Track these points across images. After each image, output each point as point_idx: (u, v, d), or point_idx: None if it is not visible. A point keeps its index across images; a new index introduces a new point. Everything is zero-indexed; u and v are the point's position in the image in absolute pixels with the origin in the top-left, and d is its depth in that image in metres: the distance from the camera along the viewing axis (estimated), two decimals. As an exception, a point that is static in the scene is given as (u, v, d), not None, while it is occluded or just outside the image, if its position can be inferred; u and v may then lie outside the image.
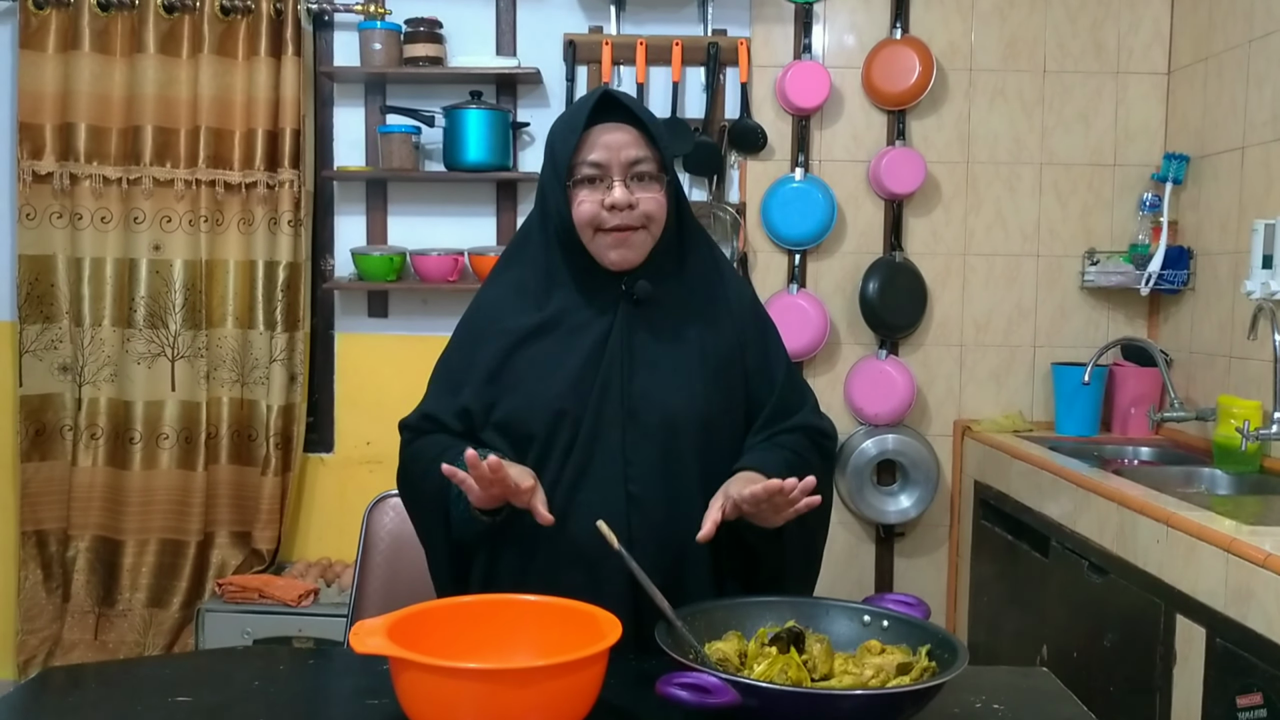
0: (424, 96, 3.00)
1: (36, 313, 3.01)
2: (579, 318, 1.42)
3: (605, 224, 1.37)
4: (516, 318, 1.43)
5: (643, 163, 1.38)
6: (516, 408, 1.40)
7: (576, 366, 1.39)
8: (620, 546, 1.22)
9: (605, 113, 1.39)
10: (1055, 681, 1.30)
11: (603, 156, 1.37)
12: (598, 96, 1.39)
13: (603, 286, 1.42)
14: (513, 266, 1.49)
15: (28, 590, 3.04)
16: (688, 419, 1.37)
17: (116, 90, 2.96)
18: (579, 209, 1.38)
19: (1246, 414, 2.36)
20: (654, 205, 1.39)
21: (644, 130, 1.39)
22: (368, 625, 1.10)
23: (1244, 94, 2.62)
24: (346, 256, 3.04)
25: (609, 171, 1.37)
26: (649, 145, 1.39)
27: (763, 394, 1.47)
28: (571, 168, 1.38)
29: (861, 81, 2.99)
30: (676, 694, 1.01)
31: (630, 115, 1.39)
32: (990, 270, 3.06)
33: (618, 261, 1.39)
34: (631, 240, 1.38)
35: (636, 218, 1.37)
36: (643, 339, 1.41)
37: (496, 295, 1.48)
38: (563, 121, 1.43)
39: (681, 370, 1.41)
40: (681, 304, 1.44)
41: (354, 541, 1.80)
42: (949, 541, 3.09)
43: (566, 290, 1.43)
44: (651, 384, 1.39)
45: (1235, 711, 1.69)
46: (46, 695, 1.25)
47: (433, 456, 1.39)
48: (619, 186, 1.37)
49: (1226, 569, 1.73)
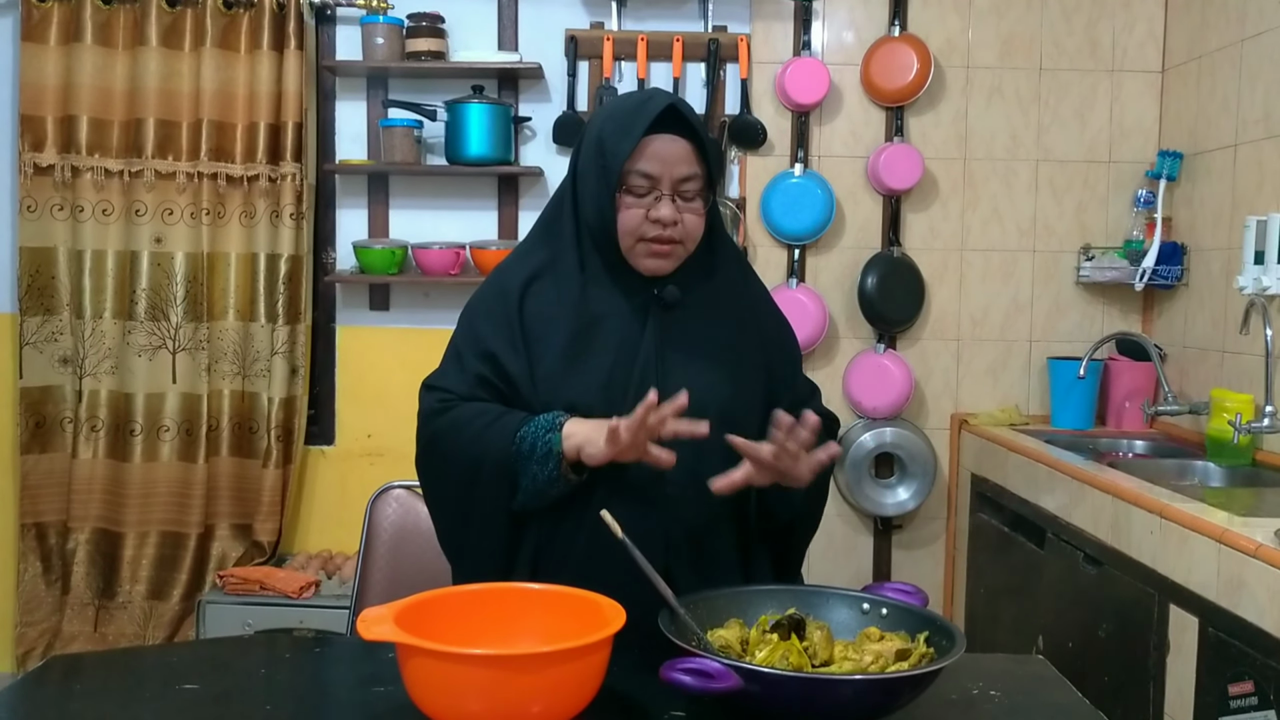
0: (426, 91, 3.01)
1: (37, 305, 3.02)
2: (614, 317, 1.41)
3: (647, 235, 1.37)
4: (557, 311, 1.41)
5: (692, 180, 1.37)
6: (550, 404, 1.38)
7: (607, 365, 1.39)
8: (624, 536, 1.23)
9: (662, 123, 1.36)
10: (1051, 669, 1.33)
11: (655, 169, 1.36)
12: (663, 107, 1.36)
13: (635, 289, 1.42)
14: (541, 248, 1.47)
15: (27, 582, 3.05)
16: (719, 419, 1.36)
17: (118, 83, 2.97)
18: (624, 215, 1.37)
19: (1239, 407, 2.38)
20: (695, 224, 1.39)
21: (697, 146, 1.38)
22: (375, 612, 1.12)
23: (1236, 92, 2.64)
24: (348, 250, 3.05)
25: (659, 184, 1.36)
26: (699, 163, 1.38)
27: (779, 391, 1.49)
28: (623, 174, 1.36)
29: (860, 78, 3.01)
30: (680, 679, 1.03)
31: (687, 129, 1.38)
32: (987, 265, 3.08)
33: (652, 269, 1.40)
34: (670, 254, 1.39)
35: (677, 234, 1.38)
36: (674, 341, 1.42)
37: (531, 269, 1.45)
38: (618, 121, 1.39)
39: (710, 371, 1.42)
40: (709, 308, 1.45)
41: (355, 534, 1.82)
42: (946, 534, 3.12)
43: (601, 287, 1.42)
44: (683, 384, 1.36)
45: (1227, 699, 1.72)
46: (52, 684, 1.26)
47: (488, 423, 1.36)
48: (666, 203, 1.36)
49: (1219, 559, 1.76)
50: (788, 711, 1.06)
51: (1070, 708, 1.20)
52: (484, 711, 1.05)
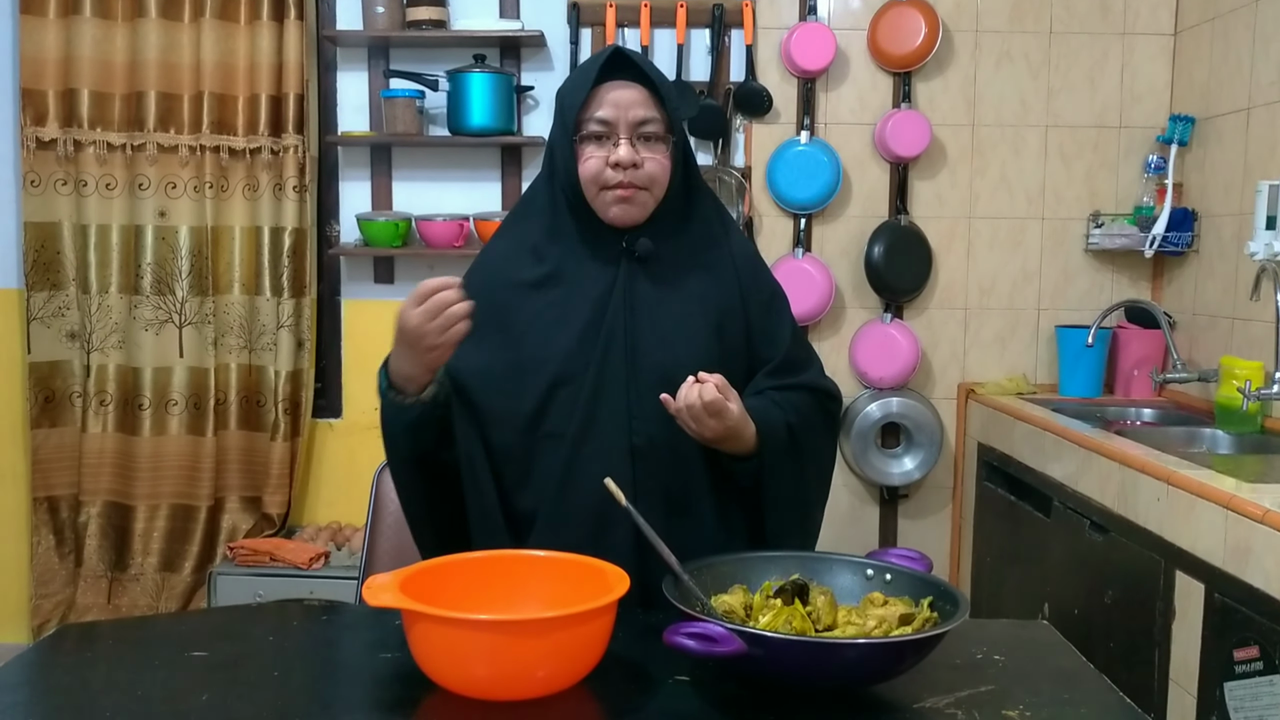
0: (427, 60, 2.99)
1: (43, 280, 3.03)
2: (581, 273, 1.43)
3: (609, 181, 1.38)
4: (520, 272, 1.44)
5: (650, 123, 1.39)
6: (520, 362, 1.41)
7: (580, 322, 1.41)
8: (628, 504, 1.24)
9: (616, 71, 1.39)
10: (1055, 633, 1.33)
11: (610, 114, 1.38)
12: (609, 54, 1.40)
13: (605, 243, 1.43)
14: (518, 224, 1.50)
15: (40, 556, 3.08)
16: (690, 370, 1.37)
17: (119, 55, 2.96)
18: (584, 164, 1.39)
19: (1248, 374, 2.37)
20: (657, 167, 1.40)
21: (653, 91, 1.40)
22: (380, 580, 1.12)
23: (1250, 55, 2.60)
24: (352, 222, 3.04)
25: (615, 129, 1.38)
26: (657, 106, 1.40)
27: (766, 349, 1.48)
28: (579, 123, 1.39)
29: (867, 43, 2.98)
30: (684, 643, 1.03)
31: (640, 75, 1.40)
32: (995, 233, 3.05)
33: (619, 218, 1.41)
34: (634, 199, 1.40)
35: (640, 178, 1.39)
36: (645, 294, 1.43)
37: (502, 250, 1.49)
38: (573, 78, 1.45)
39: (683, 323, 1.43)
40: (684, 259, 1.46)
41: (363, 506, 1.82)
42: (952, 503, 3.12)
43: (570, 245, 1.44)
44: (654, 337, 1.41)
45: (1232, 664, 1.72)
46: (64, 651, 1.27)
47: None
48: (625, 145, 1.38)
49: (1226, 526, 1.75)
50: (792, 675, 1.06)
51: (1075, 672, 1.20)
52: (489, 676, 1.06)
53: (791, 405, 1.44)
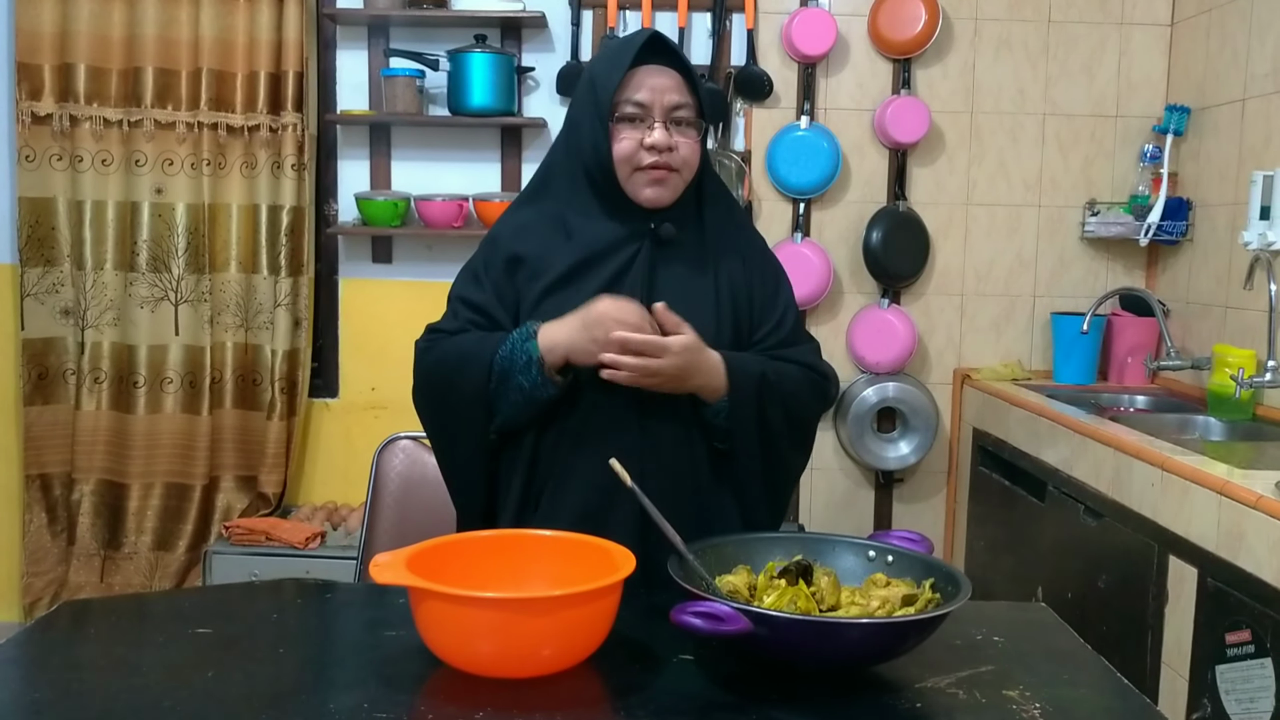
0: (428, 40, 2.98)
1: (37, 256, 3.01)
2: (606, 251, 1.44)
3: (642, 162, 1.40)
4: (550, 251, 1.44)
5: (683, 109, 1.41)
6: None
7: (596, 295, 1.41)
8: (633, 484, 1.24)
9: (650, 55, 1.41)
10: (1053, 615, 1.34)
11: (646, 97, 1.40)
12: (648, 37, 1.41)
13: (630, 222, 1.44)
14: (539, 199, 1.50)
15: (32, 533, 3.07)
16: None
17: (116, 30, 2.93)
18: (619, 145, 1.40)
19: (1241, 362, 2.39)
20: (690, 151, 1.42)
21: (686, 77, 1.42)
22: (387, 557, 1.13)
23: (1245, 46, 2.61)
24: (350, 202, 3.03)
25: (651, 112, 1.40)
26: (690, 92, 1.42)
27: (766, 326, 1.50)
28: (614, 105, 1.40)
29: (868, 29, 2.98)
30: (690, 622, 1.04)
31: (675, 60, 1.42)
32: (992, 220, 3.07)
33: (651, 199, 1.42)
34: (666, 181, 1.41)
35: (674, 160, 1.41)
36: (663, 275, 1.44)
37: (526, 220, 1.48)
38: (606, 59, 1.46)
39: (697, 306, 1.44)
40: (701, 246, 1.48)
41: (360, 486, 1.83)
42: (947, 487, 3.14)
43: (596, 226, 1.44)
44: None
45: (1224, 648, 1.74)
46: (62, 629, 1.25)
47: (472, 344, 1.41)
48: (659, 129, 1.39)
49: (1219, 511, 1.77)
50: (796, 654, 1.08)
51: (1072, 653, 1.22)
52: (495, 654, 1.07)
53: (774, 365, 1.45)
